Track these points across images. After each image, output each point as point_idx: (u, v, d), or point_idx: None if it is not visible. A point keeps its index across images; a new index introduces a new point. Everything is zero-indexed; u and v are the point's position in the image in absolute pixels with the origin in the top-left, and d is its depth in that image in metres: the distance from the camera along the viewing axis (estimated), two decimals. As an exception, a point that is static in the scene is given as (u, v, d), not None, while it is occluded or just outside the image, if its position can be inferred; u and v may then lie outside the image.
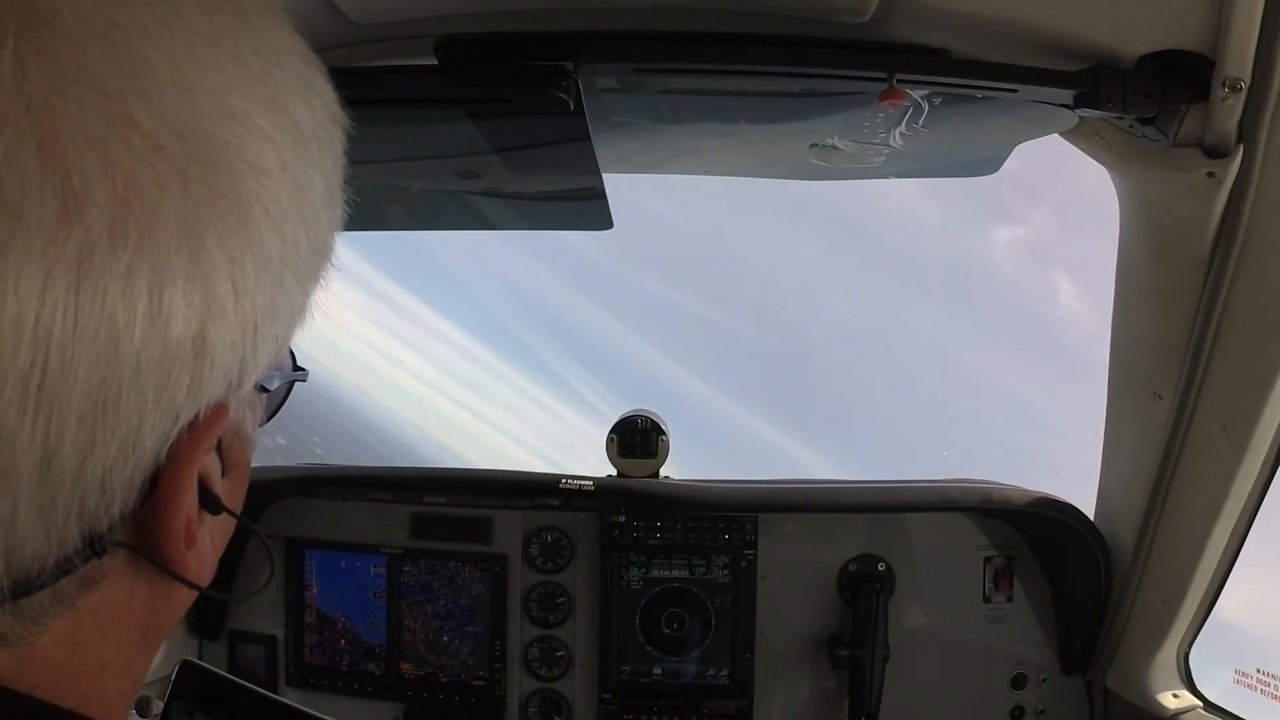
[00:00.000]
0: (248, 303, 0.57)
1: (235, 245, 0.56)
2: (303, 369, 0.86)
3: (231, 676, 2.14)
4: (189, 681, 1.56)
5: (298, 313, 0.67)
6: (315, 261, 0.66)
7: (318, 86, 0.66)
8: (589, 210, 2.20)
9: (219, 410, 0.59)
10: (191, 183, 0.53)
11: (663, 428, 2.58)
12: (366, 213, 2.56)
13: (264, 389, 0.68)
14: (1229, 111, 1.43)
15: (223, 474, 0.66)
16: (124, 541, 0.58)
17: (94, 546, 0.56)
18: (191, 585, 0.64)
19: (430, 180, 2.40)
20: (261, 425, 0.87)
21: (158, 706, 1.63)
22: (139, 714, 2.36)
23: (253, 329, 0.59)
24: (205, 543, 0.64)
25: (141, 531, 0.59)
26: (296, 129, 0.61)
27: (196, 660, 2.42)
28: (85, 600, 0.59)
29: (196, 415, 0.57)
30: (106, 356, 0.51)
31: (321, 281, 0.69)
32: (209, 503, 0.63)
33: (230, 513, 0.67)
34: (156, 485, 0.58)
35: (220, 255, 0.55)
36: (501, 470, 2.63)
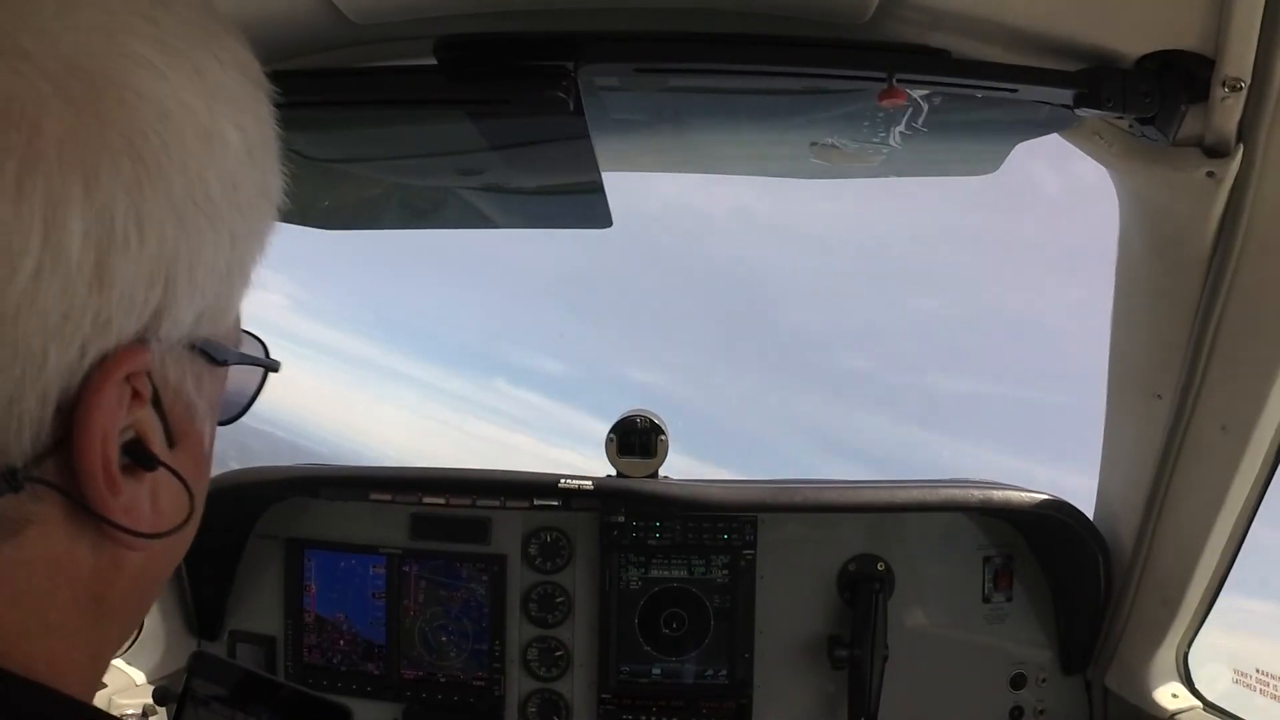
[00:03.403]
0: (154, 240, 0.58)
1: (131, 176, 0.57)
2: (275, 360, 0.87)
3: (241, 665, 2.16)
4: (202, 668, 1.62)
5: (225, 269, 0.66)
6: (234, 216, 0.66)
7: (223, 40, 0.67)
8: (589, 209, 2.20)
9: (133, 349, 0.59)
10: (82, 111, 0.55)
11: (662, 428, 2.58)
12: (368, 211, 2.56)
13: (211, 357, 0.68)
14: (1229, 111, 1.43)
15: (172, 444, 0.67)
16: (40, 477, 0.58)
17: (8, 480, 0.56)
18: (123, 529, 0.62)
19: (430, 179, 2.40)
20: (236, 416, 0.89)
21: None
22: (157, 703, 2.38)
23: (164, 271, 0.59)
24: (141, 500, 0.64)
25: (63, 474, 0.59)
26: (197, 73, 0.62)
27: (206, 652, 2.44)
28: (14, 550, 0.58)
29: (108, 353, 0.58)
30: (2, 272, 0.52)
31: (253, 244, 0.70)
32: (145, 459, 0.64)
33: (171, 470, 0.66)
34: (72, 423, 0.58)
35: (117, 185, 0.56)
36: (500, 470, 2.63)
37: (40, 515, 0.59)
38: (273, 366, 0.87)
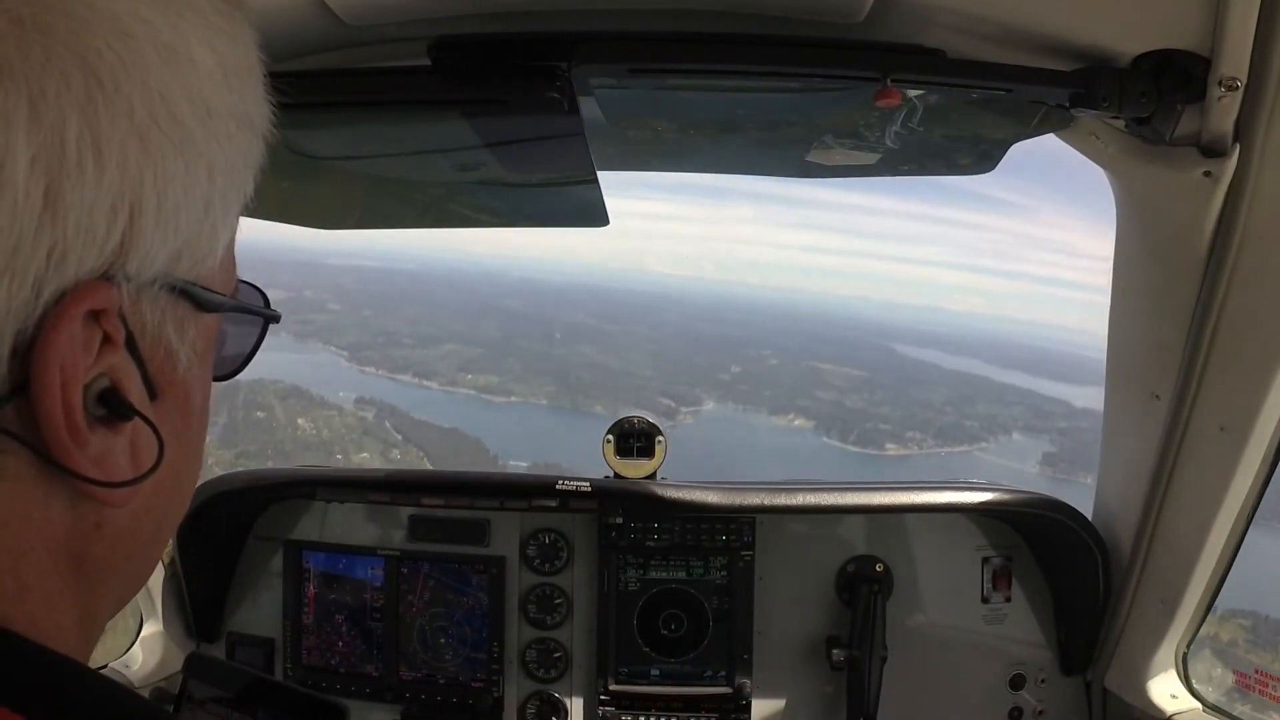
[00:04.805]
0: (114, 166, 0.54)
1: (84, 95, 0.52)
2: (274, 311, 0.81)
3: (236, 664, 2.16)
4: (199, 669, 1.63)
5: (203, 203, 0.61)
6: (210, 144, 0.61)
7: None
8: (585, 207, 2.20)
9: (95, 285, 0.55)
10: (25, 27, 0.51)
11: (660, 429, 2.58)
12: (364, 211, 2.56)
13: (197, 303, 0.64)
14: (1225, 111, 1.42)
15: (154, 395, 0.63)
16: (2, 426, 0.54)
17: None
18: (86, 479, 0.58)
19: (427, 179, 2.40)
20: (234, 372, 0.83)
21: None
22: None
23: (128, 200, 0.55)
24: (117, 452, 0.60)
25: (24, 422, 0.55)
26: None
27: (202, 653, 2.45)
28: None
29: (66, 290, 0.54)
30: None
31: (236, 179, 0.65)
32: (120, 408, 0.59)
33: (142, 417, 0.61)
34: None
35: (68, 105, 0.52)
36: (498, 472, 2.63)
37: (7, 469, 0.55)
38: (272, 317, 0.81)
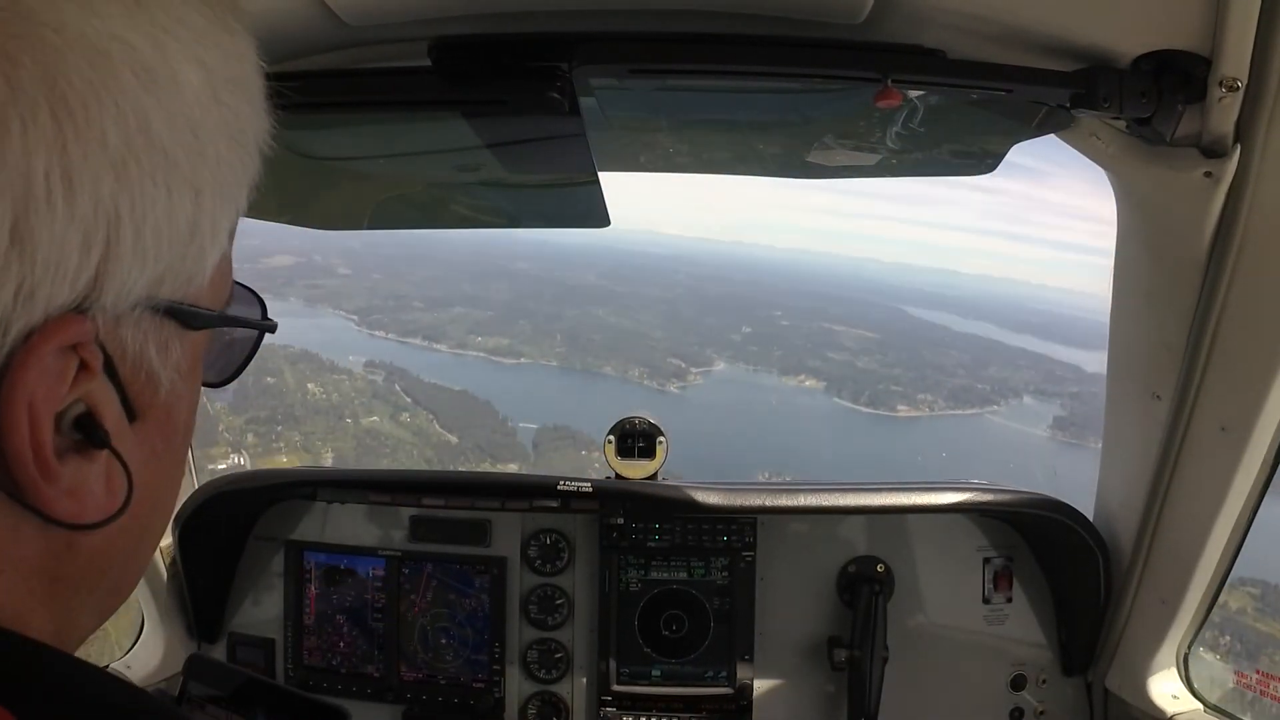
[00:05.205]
0: (87, 198, 0.51)
1: (52, 126, 0.50)
2: (269, 321, 0.78)
3: (236, 666, 2.16)
4: (199, 671, 1.62)
5: (188, 227, 0.58)
6: (195, 166, 0.58)
7: None
8: (586, 208, 2.20)
9: (65, 321, 0.53)
10: None
11: (661, 430, 2.58)
12: (365, 212, 2.56)
13: (184, 321, 0.61)
14: (1226, 111, 1.42)
15: (134, 417, 0.61)
16: None
17: None
18: (55, 521, 0.56)
19: (428, 180, 2.40)
20: (226, 380, 0.80)
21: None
22: None
23: (102, 232, 0.53)
24: (91, 481, 0.58)
25: None
26: (137, 4, 0.55)
27: (203, 655, 2.44)
28: None
29: (35, 328, 0.52)
30: None
31: (227, 198, 0.63)
32: (95, 435, 0.57)
33: (114, 453, 0.59)
34: None
35: (36, 139, 0.49)
36: (499, 473, 2.63)
37: None
38: (266, 328, 0.78)
